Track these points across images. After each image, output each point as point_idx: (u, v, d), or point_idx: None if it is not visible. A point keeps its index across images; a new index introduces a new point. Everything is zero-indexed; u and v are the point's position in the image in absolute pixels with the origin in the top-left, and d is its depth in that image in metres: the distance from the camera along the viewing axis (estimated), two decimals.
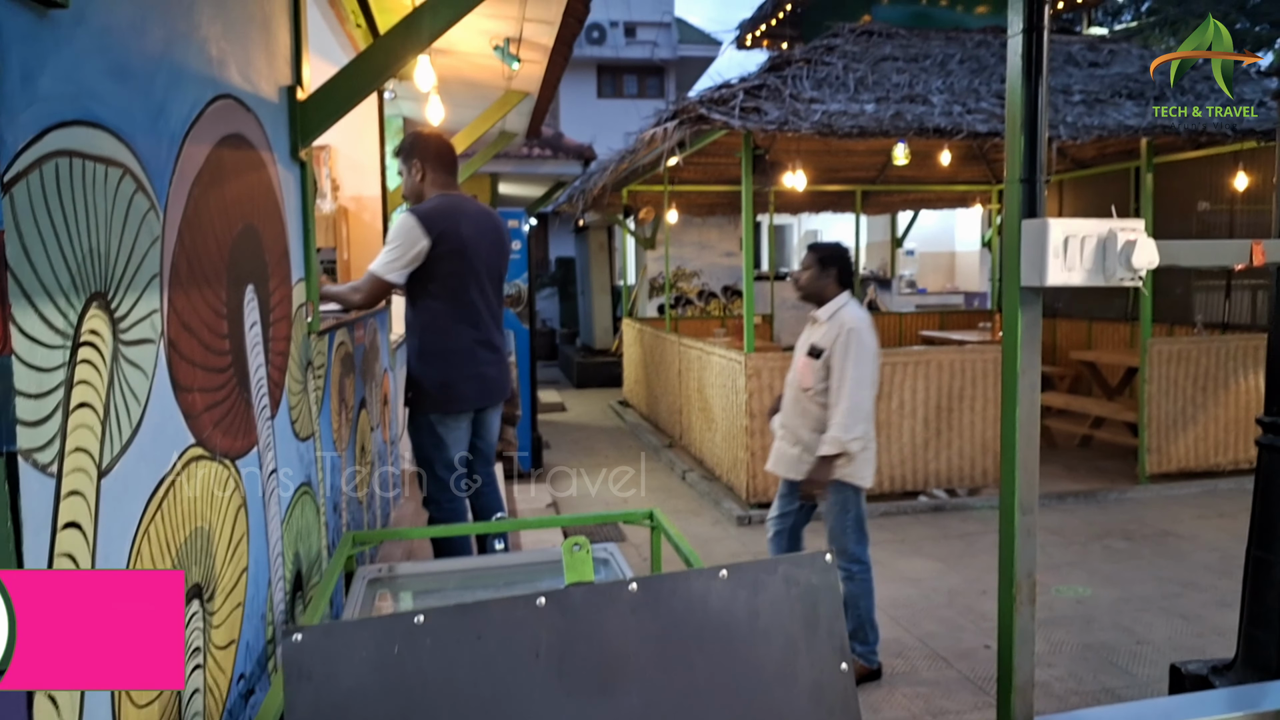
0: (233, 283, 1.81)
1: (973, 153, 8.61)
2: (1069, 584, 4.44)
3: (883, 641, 3.59)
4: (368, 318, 3.75)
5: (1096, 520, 5.55)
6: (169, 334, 1.46)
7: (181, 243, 1.53)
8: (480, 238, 3.20)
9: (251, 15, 2.02)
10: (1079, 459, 7.02)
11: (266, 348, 2.04)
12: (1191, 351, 6.23)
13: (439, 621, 1.35)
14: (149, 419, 1.37)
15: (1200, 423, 6.28)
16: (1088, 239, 1.40)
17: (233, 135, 1.84)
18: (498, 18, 4.08)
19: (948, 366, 5.86)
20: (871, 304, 12.60)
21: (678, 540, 2.19)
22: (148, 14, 1.42)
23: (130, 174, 1.33)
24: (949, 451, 5.92)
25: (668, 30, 19.05)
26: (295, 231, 2.38)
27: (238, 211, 1.87)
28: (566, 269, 16.33)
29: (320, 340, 2.68)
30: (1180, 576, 4.53)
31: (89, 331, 1.19)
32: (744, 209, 5.70)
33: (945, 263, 17.11)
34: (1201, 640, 3.78)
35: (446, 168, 3.26)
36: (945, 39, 6.95)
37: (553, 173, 10.25)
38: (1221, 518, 5.53)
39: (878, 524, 5.54)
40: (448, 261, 3.10)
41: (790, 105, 5.31)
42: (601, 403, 10.96)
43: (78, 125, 1.18)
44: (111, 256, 1.26)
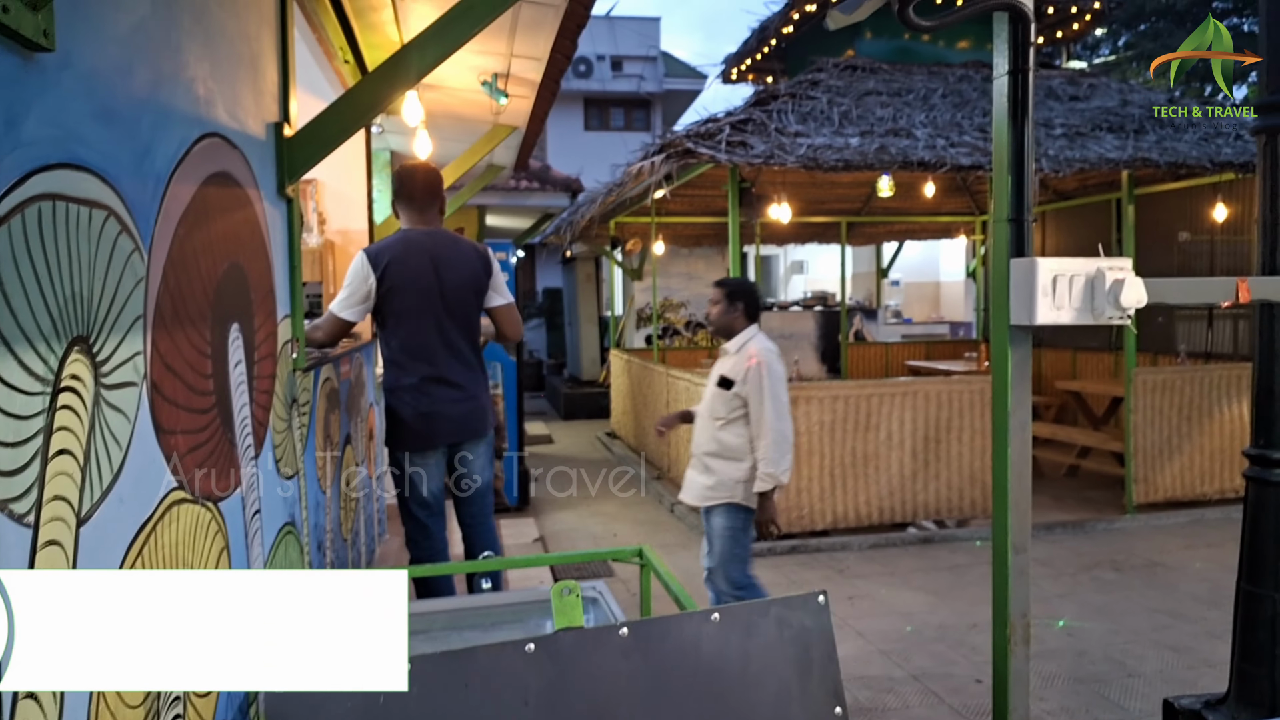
0: (217, 321, 1.79)
1: (956, 185, 8.72)
2: (1059, 616, 4.42)
3: (874, 677, 3.55)
4: (353, 352, 3.72)
5: (1085, 551, 5.54)
6: (152, 376, 1.44)
7: (166, 283, 1.51)
8: (437, 271, 3.14)
9: (240, 54, 2.03)
10: (1066, 489, 7.03)
11: (251, 386, 2.01)
12: (1176, 381, 6.27)
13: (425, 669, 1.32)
14: (130, 463, 1.35)
15: (1186, 452, 6.30)
16: (1076, 278, 1.41)
17: (219, 173, 1.84)
18: (486, 54, 4.11)
19: (935, 397, 5.87)
20: (858, 334, 12.66)
21: (668, 579, 2.17)
22: (135, 55, 1.42)
23: (114, 216, 1.32)
24: (937, 483, 5.91)
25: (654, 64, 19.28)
26: (281, 268, 2.36)
27: (223, 250, 1.85)
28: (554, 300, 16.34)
29: (306, 377, 2.66)
30: (1170, 608, 4.51)
31: (70, 376, 1.17)
32: (731, 240, 5.73)
33: (930, 292, 17.24)
34: (1193, 673, 3.76)
35: (417, 203, 3.25)
36: (928, 73, 7.06)
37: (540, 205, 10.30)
38: (1209, 548, 5.53)
39: (867, 556, 5.51)
40: (397, 297, 3.13)
41: (776, 139, 5.37)
42: (589, 434, 10.91)
43: (62, 168, 1.16)
44: (94, 300, 1.25)
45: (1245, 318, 7.03)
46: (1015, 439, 1.48)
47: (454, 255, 3.20)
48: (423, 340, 3.16)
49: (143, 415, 1.40)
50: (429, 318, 3.16)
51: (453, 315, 3.19)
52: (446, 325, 3.18)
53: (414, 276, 3.13)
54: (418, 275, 3.13)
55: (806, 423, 5.64)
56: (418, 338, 3.16)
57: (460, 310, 3.21)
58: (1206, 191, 7.07)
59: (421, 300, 3.14)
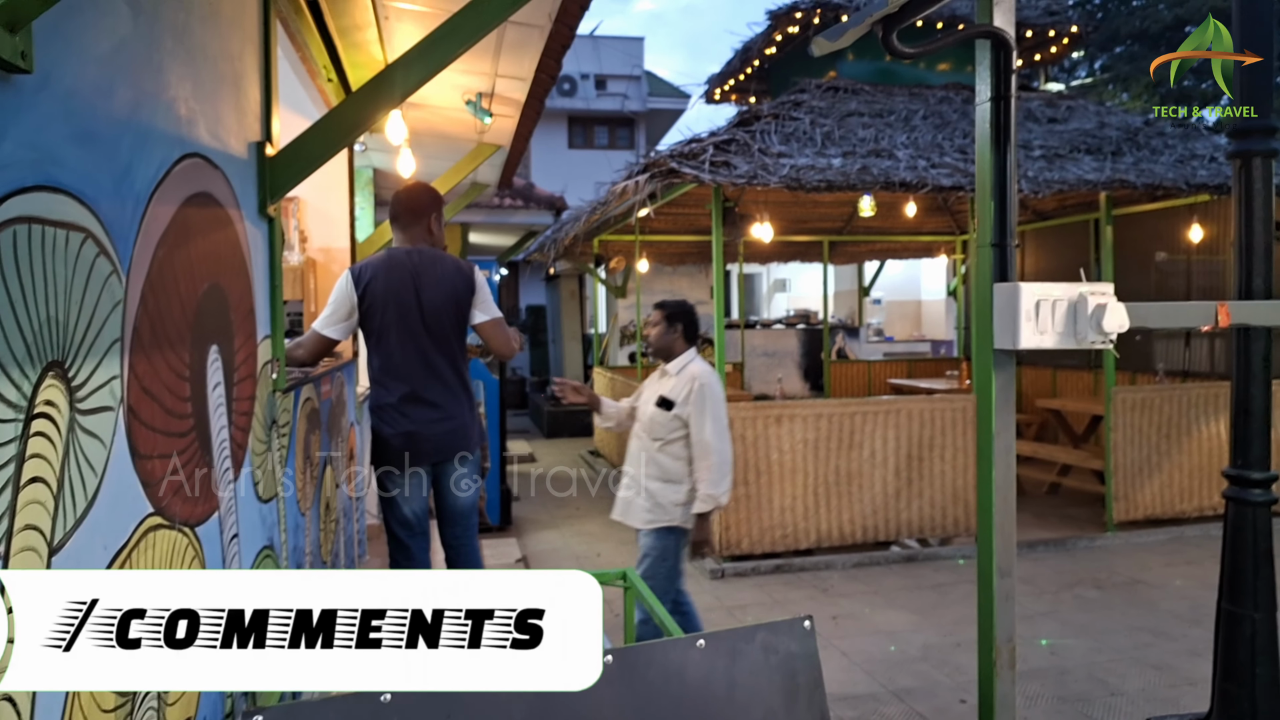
0: (196, 343, 1.77)
1: (937, 205, 8.81)
2: (1042, 635, 4.43)
3: (859, 696, 3.54)
4: (334, 371, 3.69)
5: (1067, 569, 5.57)
6: (129, 400, 1.42)
7: (144, 305, 1.49)
8: (417, 289, 3.13)
9: (222, 74, 2.01)
10: (1048, 506, 7.07)
11: (230, 408, 1.98)
12: (1155, 400, 6.33)
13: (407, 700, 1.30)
14: (106, 490, 1.32)
15: (1165, 470, 6.36)
16: (1059, 302, 1.42)
17: (200, 194, 1.82)
18: (471, 73, 4.11)
19: (918, 415, 5.89)
20: (840, 352, 12.71)
21: (652, 603, 2.15)
22: (115, 76, 1.40)
23: (92, 238, 1.30)
24: (920, 501, 5.92)
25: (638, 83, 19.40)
26: (262, 288, 2.34)
27: (203, 270, 1.83)
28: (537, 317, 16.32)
29: (286, 397, 2.63)
30: (1151, 625, 4.53)
31: (44, 403, 1.15)
32: (714, 259, 5.75)
33: (912, 311, 17.37)
34: (1175, 691, 3.77)
35: (400, 222, 3.27)
36: (909, 95, 7.14)
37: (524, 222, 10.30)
38: (1189, 565, 5.57)
39: (851, 575, 5.51)
40: (377, 316, 3.14)
41: (759, 159, 5.40)
42: (572, 452, 10.87)
43: (39, 190, 1.15)
44: (71, 324, 1.23)
45: (1222, 336, 7.12)
46: (1000, 462, 1.49)
47: (434, 273, 3.17)
48: (401, 359, 3.15)
49: (119, 440, 1.38)
50: (408, 336, 3.14)
51: (432, 334, 3.17)
52: (425, 344, 3.16)
53: (393, 295, 3.12)
54: (397, 293, 3.12)
55: (790, 441, 5.64)
56: (397, 357, 3.15)
57: (439, 329, 3.18)
58: (1183, 212, 7.18)
59: (400, 319, 3.13)
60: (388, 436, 3.17)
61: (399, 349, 3.15)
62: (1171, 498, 6.38)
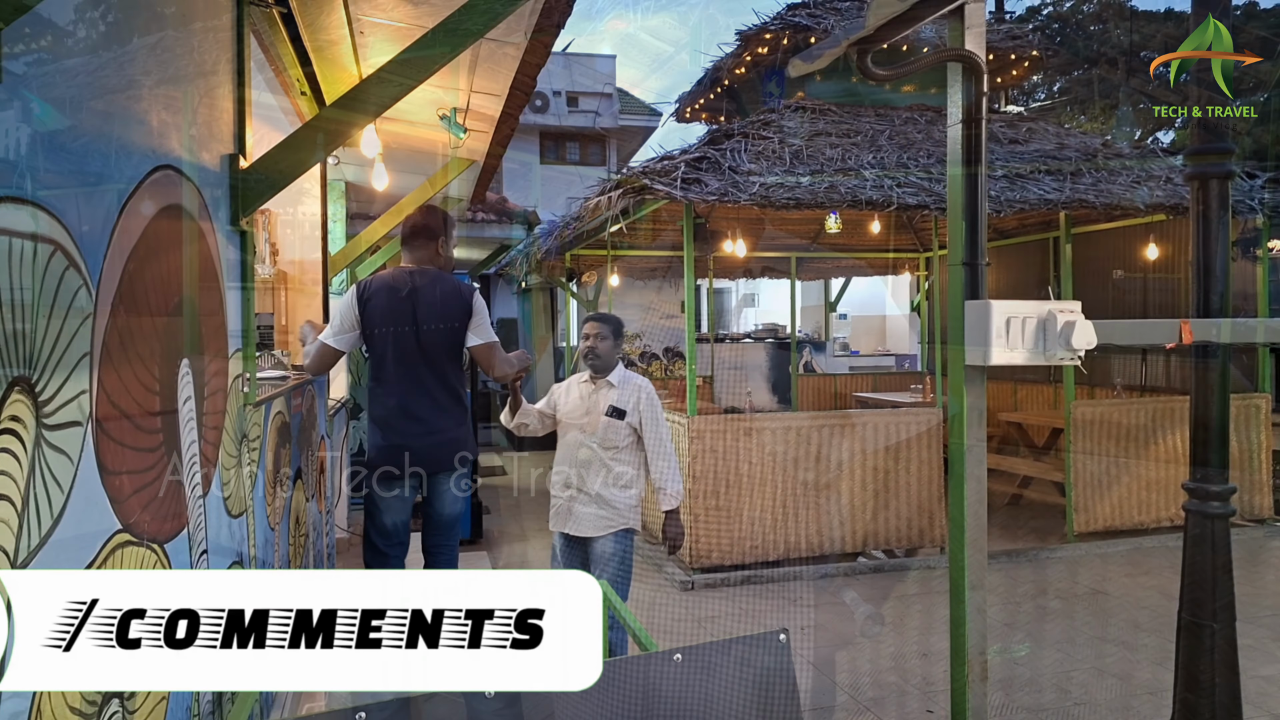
0: (167, 357, 1.74)
1: (901, 223, 8.95)
2: (1007, 645, 4.49)
3: (828, 708, 3.56)
4: (304, 385, 3.65)
5: (1030, 579, 5.65)
6: (97, 415, 1.39)
7: (114, 319, 1.47)
8: (414, 308, 3.25)
9: (195, 85, 2.00)
10: (1010, 517, 7.17)
11: (200, 423, 1.96)
12: (1113, 414, 6.47)
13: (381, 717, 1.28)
14: (73, 507, 1.29)
15: (1124, 482, 6.49)
16: (1028, 320, 1.45)
17: (171, 206, 1.80)
18: (445, 88, 4.11)
19: (884, 428, 5.96)
20: (807, 365, 12.82)
21: (627, 616, 2.15)
22: (86, 88, 1.39)
23: (61, 250, 1.28)
24: (886, 513, 5.98)
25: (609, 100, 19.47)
26: (234, 302, 2.31)
27: (174, 284, 1.81)
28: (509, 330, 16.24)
29: (256, 411, 2.60)
30: (1113, 635, 4.61)
31: (9, 418, 1.12)
32: (686, 273, 5.78)
33: (877, 326, 17.58)
34: (1137, 700, 3.84)
35: (406, 243, 3.43)
36: (875, 115, 7.25)
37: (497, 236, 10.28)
38: (1148, 575, 5.68)
39: (819, 586, 5.54)
40: (375, 330, 3.28)
41: (729, 177, 5.45)
42: (543, 465, 10.80)
43: (7, 202, 1.13)
44: (38, 338, 1.20)
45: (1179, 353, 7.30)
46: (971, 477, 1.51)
47: (432, 294, 3.29)
48: (395, 374, 3.27)
49: (86, 456, 1.35)
50: (401, 352, 3.26)
51: (424, 352, 3.28)
52: (417, 361, 3.27)
53: (391, 313, 3.26)
54: (395, 310, 3.26)
55: (760, 454, 5.67)
56: (391, 372, 3.27)
57: (432, 348, 3.29)
58: (1139, 231, 7.37)
59: (396, 335, 3.25)
60: (377, 447, 3.28)
61: (393, 365, 3.26)
62: (1130, 509, 6.51)
